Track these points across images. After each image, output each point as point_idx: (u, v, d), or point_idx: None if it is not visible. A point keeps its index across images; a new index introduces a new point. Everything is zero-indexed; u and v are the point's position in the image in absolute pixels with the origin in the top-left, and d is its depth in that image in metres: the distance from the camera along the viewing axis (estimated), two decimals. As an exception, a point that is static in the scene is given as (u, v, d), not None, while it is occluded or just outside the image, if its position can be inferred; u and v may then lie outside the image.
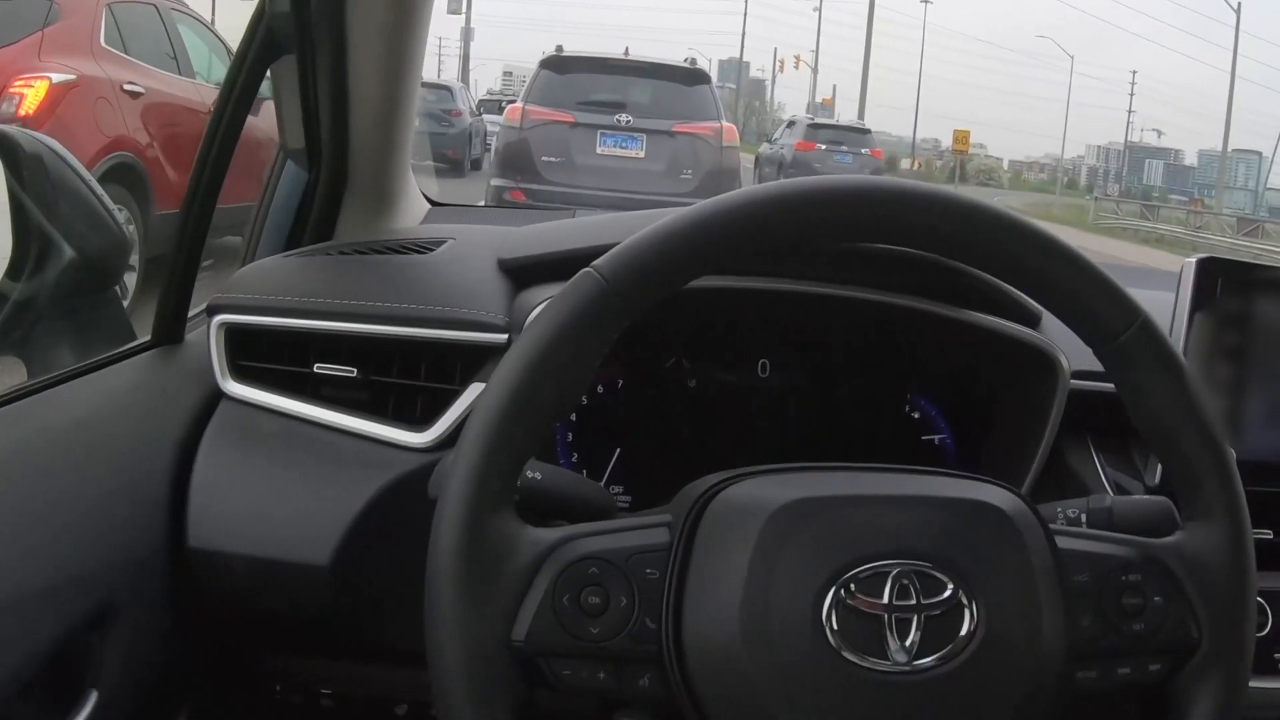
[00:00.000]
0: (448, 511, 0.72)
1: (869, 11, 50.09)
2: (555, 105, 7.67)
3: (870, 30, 46.46)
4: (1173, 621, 0.78)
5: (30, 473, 0.97)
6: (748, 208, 0.77)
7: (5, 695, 0.85)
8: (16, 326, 1.25)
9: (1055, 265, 0.79)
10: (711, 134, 7.74)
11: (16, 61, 4.49)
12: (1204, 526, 0.80)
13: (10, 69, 4.45)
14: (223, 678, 1.21)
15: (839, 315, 1.19)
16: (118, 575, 1.00)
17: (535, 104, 7.70)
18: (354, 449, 1.10)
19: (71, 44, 4.84)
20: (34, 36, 4.61)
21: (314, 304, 1.13)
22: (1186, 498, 0.82)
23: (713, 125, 7.79)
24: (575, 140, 7.58)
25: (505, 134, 7.88)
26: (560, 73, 7.91)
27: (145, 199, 4.91)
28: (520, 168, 7.51)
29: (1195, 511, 0.81)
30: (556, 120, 7.60)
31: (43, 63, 4.54)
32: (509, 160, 7.64)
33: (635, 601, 0.73)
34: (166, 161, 5.05)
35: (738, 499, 0.76)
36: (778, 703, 0.71)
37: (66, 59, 4.72)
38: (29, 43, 4.60)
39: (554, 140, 7.56)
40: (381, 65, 1.35)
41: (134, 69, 5.22)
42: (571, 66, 7.99)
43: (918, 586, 0.72)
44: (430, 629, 0.71)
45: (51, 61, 4.62)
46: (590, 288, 0.75)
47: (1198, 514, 0.81)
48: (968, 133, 30.66)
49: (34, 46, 4.59)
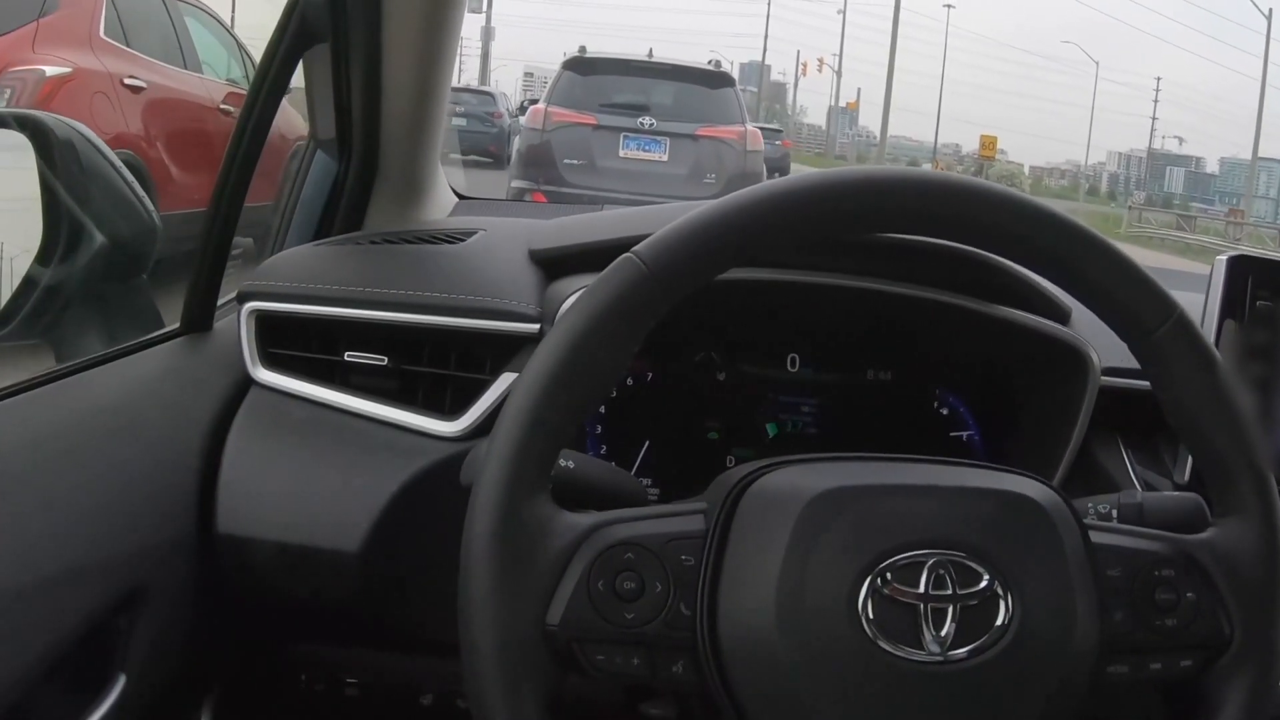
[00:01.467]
0: (484, 494, 0.72)
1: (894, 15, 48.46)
2: (578, 107, 7.53)
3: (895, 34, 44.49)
4: (1205, 618, 0.78)
5: (60, 455, 0.97)
6: (788, 196, 0.77)
7: (36, 676, 0.85)
8: (46, 312, 1.25)
9: (1091, 258, 0.79)
10: (736, 138, 7.57)
11: (9, 53, 4.27)
12: (1237, 523, 0.80)
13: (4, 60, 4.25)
14: (248, 665, 1.21)
15: (868, 309, 1.19)
16: (147, 559, 1.00)
17: (557, 105, 7.58)
18: (383, 437, 1.10)
19: (69, 35, 4.60)
20: (29, 27, 4.39)
21: (345, 292, 1.13)
22: (1219, 494, 0.81)
23: (737, 129, 7.62)
24: (597, 143, 7.44)
25: (527, 135, 7.69)
26: (583, 74, 7.77)
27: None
28: (542, 169, 7.36)
29: (1228, 508, 0.81)
30: (579, 122, 7.47)
31: (37, 55, 4.32)
32: (531, 162, 7.49)
33: (670, 588, 0.73)
34: (170, 160, 4.83)
35: (774, 487, 0.76)
36: (811, 690, 0.71)
37: (63, 51, 4.49)
38: (23, 33, 4.37)
39: (576, 142, 7.42)
40: (416, 56, 1.35)
41: (136, 62, 4.96)
42: (594, 68, 7.85)
43: (954, 576, 0.72)
44: (464, 611, 0.71)
45: (47, 54, 4.40)
46: (631, 272, 0.74)
47: (1231, 510, 0.81)
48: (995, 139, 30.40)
49: (28, 37, 4.36)
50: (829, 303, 1.18)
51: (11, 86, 4.16)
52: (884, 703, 0.71)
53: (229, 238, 1.20)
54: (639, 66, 8.05)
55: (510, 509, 0.71)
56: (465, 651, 0.71)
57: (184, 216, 3.39)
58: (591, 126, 7.46)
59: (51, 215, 1.23)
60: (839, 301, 1.18)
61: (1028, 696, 0.73)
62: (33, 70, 4.27)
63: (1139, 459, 1.17)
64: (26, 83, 4.23)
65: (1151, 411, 0.82)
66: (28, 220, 1.22)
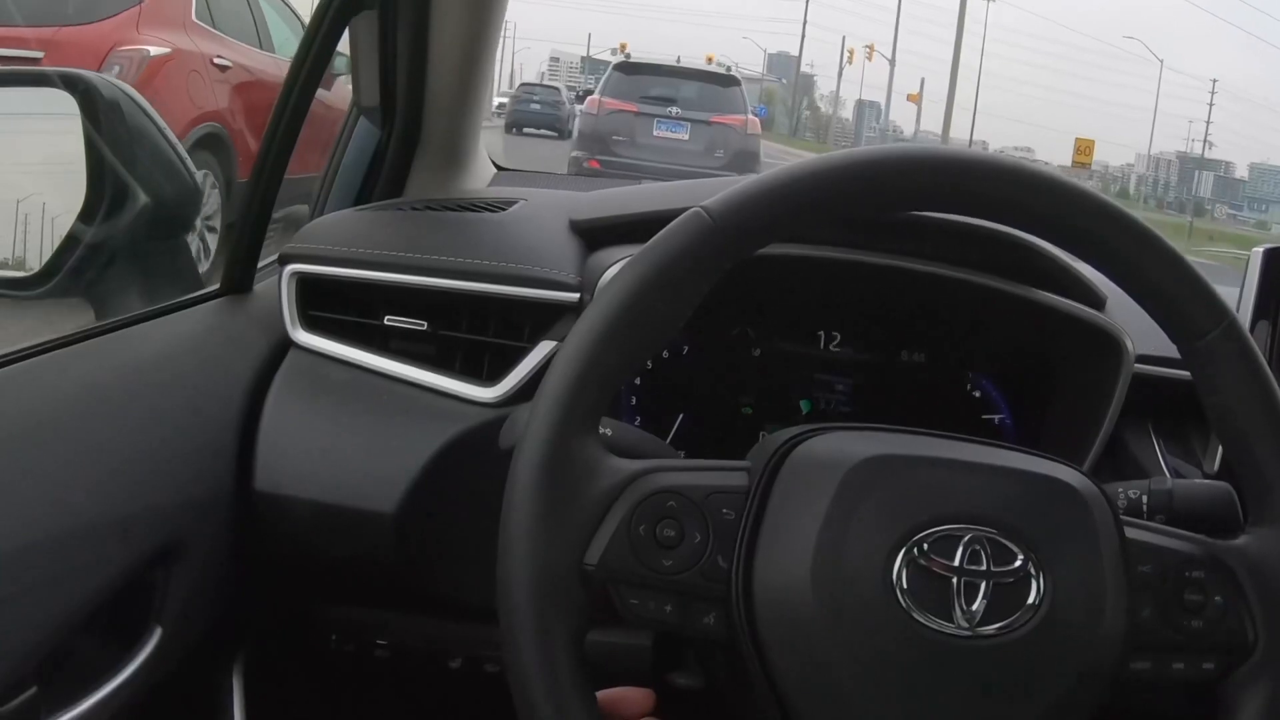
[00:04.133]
0: (534, 429, 0.72)
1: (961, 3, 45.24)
2: (623, 98, 10.22)
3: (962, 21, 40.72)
4: (1231, 623, 0.78)
5: (102, 409, 0.98)
6: (855, 166, 0.77)
7: (76, 624, 0.86)
8: (87, 269, 1.26)
9: (1148, 256, 0.79)
10: (740, 124, 10.31)
11: (116, 33, 4.59)
12: (1271, 532, 0.79)
13: (110, 39, 4.55)
14: (279, 623, 1.22)
15: (905, 289, 1.19)
16: (185, 514, 1.01)
17: (608, 97, 10.34)
18: (422, 401, 1.10)
19: (166, 18, 4.93)
20: (132, 10, 4.70)
21: (386, 257, 1.13)
22: (1255, 501, 0.81)
23: (741, 118, 10.37)
24: (637, 125, 10.10)
25: (584, 119, 10.60)
26: (627, 74, 10.57)
27: (230, 167, 4.99)
28: (596, 144, 10.01)
29: (1263, 517, 0.80)
30: (624, 110, 10.14)
31: (141, 35, 4.64)
32: (587, 137, 10.22)
33: (709, 539, 0.73)
34: (249, 132, 5.12)
35: (820, 450, 0.76)
36: (839, 651, 0.71)
37: (162, 32, 4.79)
38: (128, 16, 4.69)
39: (621, 124, 10.10)
40: (463, 25, 1.35)
41: (221, 43, 5.29)
42: (636, 70, 10.67)
43: (989, 553, 0.72)
44: (503, 543, 0.71)
45: (148, 35, 4.70)
46: (698, 225, 0.75)
47: (1265, 519, 0.80)
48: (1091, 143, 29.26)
49: (133, 20, 4.68)
50: (866, 281, 1.18)
51: (120, 64, 4.48)
52: (910, 670, 0.71)
53: (271, 202, 1.21)
54: (669, 69, 10.82)
55: (559, 446, 0.72)
56: (500, 583, 0.71)
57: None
58: (633, 113, 10.13)
59: (95, 174, 1.24)
60: (876, 280, 1.18)
61: (1050, 679, 0.72)
62: (138, 50, 4.62)
63: (1169, 447, 1.16)
64: (133, 61, 4.57)
65: (1183, 401, 0.82)
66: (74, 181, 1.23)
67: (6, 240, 1.26)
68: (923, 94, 39.12)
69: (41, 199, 1.30)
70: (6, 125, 1.34)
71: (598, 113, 10.29)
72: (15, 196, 1.30)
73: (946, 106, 38.29)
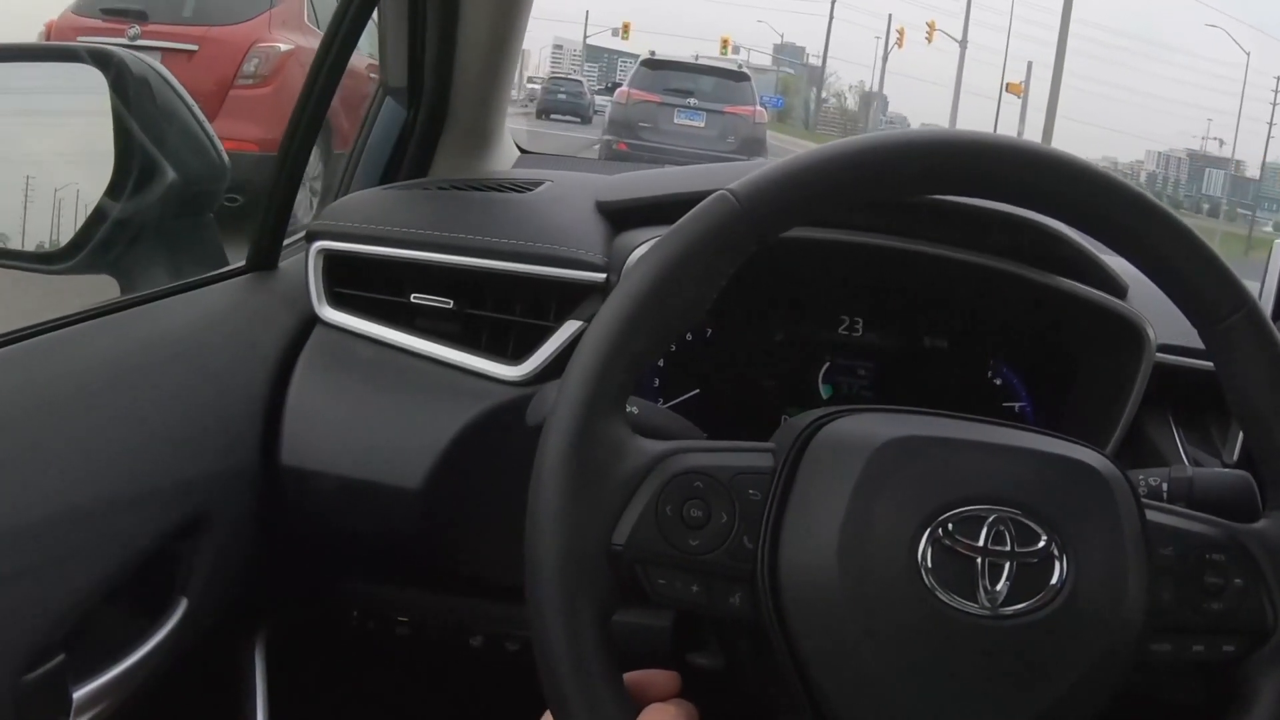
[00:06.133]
0: (561, 409, 0.72)
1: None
2: (648, 89, 11.83)
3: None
4: (1250, 606, 0.78)
5: (129, 381, 0.98)
6: (880, 150, 0.77)
7: (104, 593, 0.87)
8: (114, 245, 1.27)
9: (1168, 239, 0.79)
10: (749, 114, 11.94)
11: (254, 32, 5.87)
12: None
13: (252, 36, 5.84)
14: (302, 598, 1.23)
15: (927, 274, 1.19)
16: (212, 486, 1.02)
17: (635, 89, 12.01)
18: (447, 379, 1.11)
19: (289, 21, 6.07)
20: (265, 14, 5.95)
21: (413, 235, 1.14)
22: (1274, 485, 0.81)
23: (750, 108, 12.05)
24: (660, 114, 11.72)
25: (614, 108, 12.46)
26: (652, 69, 12.18)
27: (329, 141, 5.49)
28: (624, 129, 11.72)
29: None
30: (649, 100, 11.77)
31: (273, 34, 5.86)
32: (617, 123, 11.98)
33: (735, 519, 0.74)
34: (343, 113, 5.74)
35: (845, 431, 0.76)
36: (862, 630, 0.71)
37: (286, 33, 5.93)
38: (262, 19, 5.95)
39: (646, 113, 11.74)
40: (493, 6, 1.35)
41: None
42: (660, 66, 12.33)
43: (1013, 534, 0.72)
44: (531, 523, 0.71)
45: (278, 34, 5.90)
46: (725, 208, 0.75)
47: None
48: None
49: (265, 22, 5.93)
50: (889, 266, 1.19)
51: (259, 57, 5.75)
52: (933, 650, 0.71)
53: (298, 180, 1.21)
54: (688, 66, 12.64)
55: (587, 425, 0.72)
56: (528, 563, 0.71)
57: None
58: (657, 103, 11.73)
59: (123, 149, 1.24)
60: (898, 265, 1.18)
61: (1071, 660, 0.73)
62: (272, 46, 5.85)
63: (1189, 437, 1.16)
64: (269, 55, 5.81)
65: (1203, 390, 0.82)
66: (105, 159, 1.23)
67: (37, 216, 1.27)
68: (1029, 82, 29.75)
69: (70, 175, 1.31)
70: (37, 101, 1.35)
71: (626, 102, 11.99)
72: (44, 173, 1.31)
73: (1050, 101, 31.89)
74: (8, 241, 1.30)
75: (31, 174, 1.32)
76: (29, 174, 1.32)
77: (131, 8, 5.91)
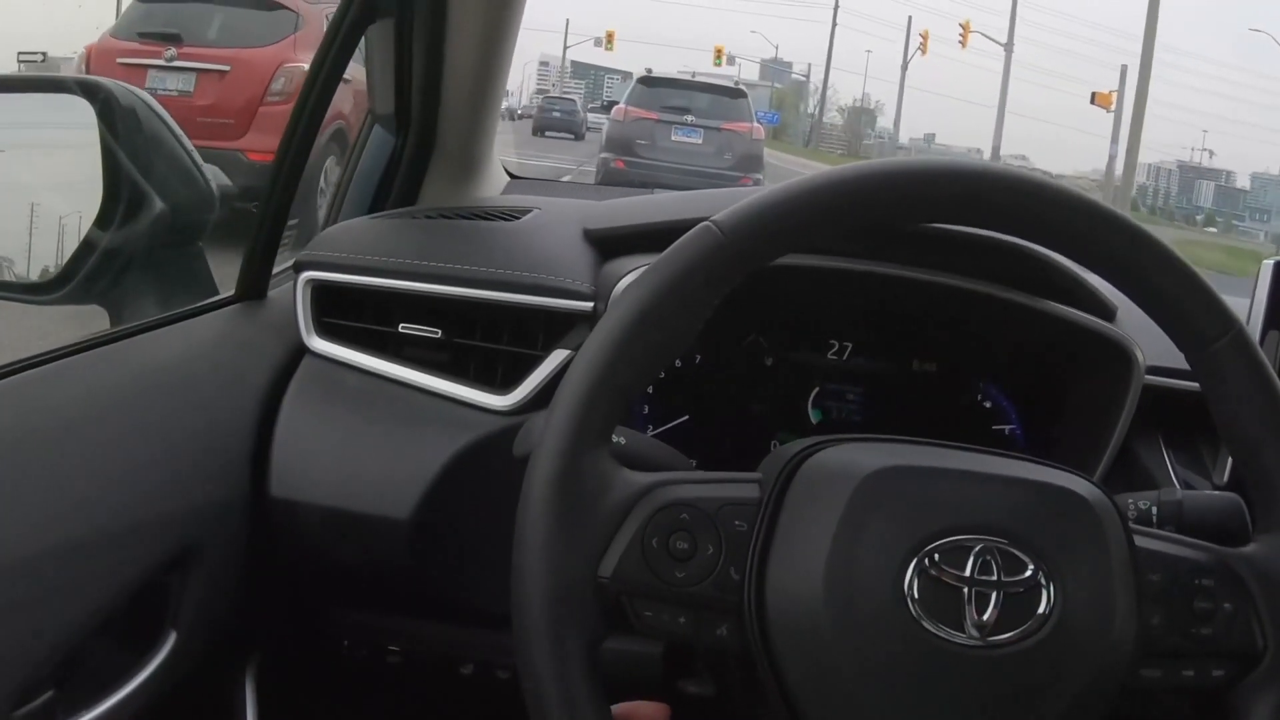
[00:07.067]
0: (548, 442, 0.73)
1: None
2: (645, 107, 11.53)
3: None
4: (1240, 630, 0.78)
5: (118, 413, 0.98)
6: (863, 180, 0.77)
7: (93, 627, 0.87)
8: (103, 275, 1.27)
9: (1154, 264, 0.79)
10: (746, 131, 11.66)
11: (282, 54, 6.17)
12: (1278, 540, 0.79)
13: (280, 58, 6.14)
14: (292, 628, 1.22)
15: (916, 299, 1.19)
16: (200, 519, 1.02)
17: (632, 106, 11.67)
18: (436, 409, 1.11)
19: (311, 43, 5.97)
20: (290, 37, 6.25)
21: (401, 264, 1.14)
22: (1264, 509, 0.81)
23: (747, 125, 11.77)
24: (657, 131, 11.41)
25: (612, 126, 12.11)
26: (650, 86, 12.08)
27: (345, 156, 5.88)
28: (622, 147, 11.38)
29: (1271, 524, 0.80)
30: (646, 117, 11.46)
31: (298, 55, 6.05)
32: (614, 141, 11.61)
33: (722, 551, 0.74)
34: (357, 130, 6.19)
35: (831, 462, 0.76)
36: (851, 661, 0.71)
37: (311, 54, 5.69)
38: (288, 41, 6.24)
39: (644, 130, 11.41)
40: (479, 35, 1.36)
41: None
42: (656, 83, 12.31)
43: (1000, 563, 0.72)
44: (518, 556, 0.72)
45: (304, 55, 5.91)
46: (708, 240, 0.75)
47: (1274, 526, 0.80)
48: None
49: (292, 44, 6.20)
50: (877, 292, 1.19)
51: (285, 77, 6.04)
52: (921, 680, 0.71)
53: (286, 209, 1.21)
54: (685, 83, 12.85)
55: (573, 459, 0.72)
56: (515, 595, 0.72)
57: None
58: (655, 120, 11.43)
59: (111, 180, 1.24)
60: (888, 290, 1.18)
61: (1061, 688, 0.73)
62: (299, 66, 5.95)
63: (1179, 459, 1.16)
64: (296, 75, 5.95)
65: (1193, 412, 0.82)
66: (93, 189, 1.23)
67: (23, 246, 1.27)
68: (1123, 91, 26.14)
69: (57, 205, 1.31)
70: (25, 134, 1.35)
71: (624, 120, 11.72)
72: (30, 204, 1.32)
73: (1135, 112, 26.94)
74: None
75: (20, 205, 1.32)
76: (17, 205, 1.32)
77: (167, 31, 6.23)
